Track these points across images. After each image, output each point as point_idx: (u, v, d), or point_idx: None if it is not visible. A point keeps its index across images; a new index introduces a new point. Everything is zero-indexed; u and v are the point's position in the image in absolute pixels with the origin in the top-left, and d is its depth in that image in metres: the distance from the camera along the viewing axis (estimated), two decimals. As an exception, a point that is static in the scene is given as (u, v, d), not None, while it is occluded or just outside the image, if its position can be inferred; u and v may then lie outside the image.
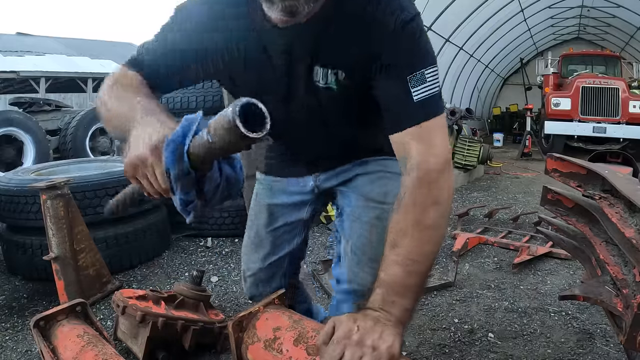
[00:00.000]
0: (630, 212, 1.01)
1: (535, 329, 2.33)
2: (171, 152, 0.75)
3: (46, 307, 2.44)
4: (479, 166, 6.83)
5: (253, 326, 0.96)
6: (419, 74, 0.87)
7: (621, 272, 1.01)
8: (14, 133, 5.77)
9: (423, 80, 0.88)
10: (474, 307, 2.59)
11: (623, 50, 15.05)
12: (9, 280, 2.88)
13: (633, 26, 13.32)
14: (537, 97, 12.25)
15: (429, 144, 0.89)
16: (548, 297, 2.70)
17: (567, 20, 14.74)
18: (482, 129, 14.57)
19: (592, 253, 1.20)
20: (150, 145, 0.77)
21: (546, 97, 9.75)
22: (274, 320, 0.95)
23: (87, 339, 1.12)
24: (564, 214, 1.24)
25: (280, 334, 0.91)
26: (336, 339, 0.78)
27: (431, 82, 0.89)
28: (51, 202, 2.35)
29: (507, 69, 18.06)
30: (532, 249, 3.35)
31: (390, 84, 0.89)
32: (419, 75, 0.87)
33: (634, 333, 0.95)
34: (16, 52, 13.19)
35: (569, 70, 11.17)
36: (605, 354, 2.08)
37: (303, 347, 0.86)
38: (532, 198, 5.40)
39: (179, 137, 0.76)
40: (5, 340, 2.18)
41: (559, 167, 1.19)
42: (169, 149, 0.75)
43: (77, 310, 1.21)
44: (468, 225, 4.18)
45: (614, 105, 8.99)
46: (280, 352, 0.88)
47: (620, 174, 1.11)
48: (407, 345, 2.19)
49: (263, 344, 0.92)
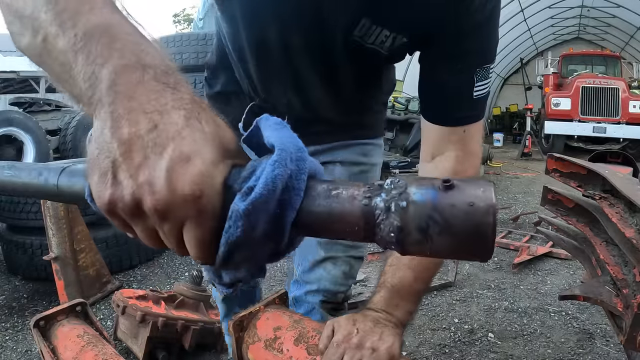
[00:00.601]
0: (630, 212, 1.01)
1: (535, 329, 2.33)
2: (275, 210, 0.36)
3: (46, 307, 2.44)
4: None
5: (253, 326, 0.96)
6: (486, 68, 0.78)
7: (621, 272, 1.01)
8: (14, 133, 5.77)
9: (486, 76, 0.78)
10: (474, 307, 2.59)
11: (623, 50, 15.05)
12: (9, 280, 2.88)
13: (633, 26, 13.33)
14: (537, 97, 12.25)
15: (470, 152, 0.83)
16: (548, 297, 2.70)
17: (567, 20, 14.75)
18: (482, 129, 14.56)
19: (592, 253, 1.20)
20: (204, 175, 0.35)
21: (546, 97, 9.76)
22: (274, 320, 0.95)
23: (87, 339, 1.12)
24: (564, 214, 1.24)
25: (280, 333, 0.91)
26: (335, 342, 0.77)
27: (490, 80, 0.79)
28: (51, 202, 2.35)
29: (507, 69, 18.07)
30: (532, 249, 3.35)
31: (459, 70, 0.77)
32: (486, 69, 0.78)
33: (634, 333, 0.95)
34: (16, 52, 13.18)
35: (569, 70, 11.18)
36: (605, 354, 2.08)
37: (303, 347, 0.86)
38: (532, 198, 5.40)
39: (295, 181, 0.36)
40: (5, 340, 2.18)
41: (560, 167, 1.19)
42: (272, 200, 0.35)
43: (77, 310, 1.21)
44: (468, 225, 4.17)
45: (614, 105, 9.00)
46: (281, 351, 0.88)
47: (621, 174, 1.11)
48: (407, 345, 2.19)
49: (263, 343, 0.92)
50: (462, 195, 0.34)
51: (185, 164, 0.34)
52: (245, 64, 0.93)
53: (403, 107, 7.15)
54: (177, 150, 0.34)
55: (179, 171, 0.34)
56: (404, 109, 7.13)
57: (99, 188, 0.36)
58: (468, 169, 0.83)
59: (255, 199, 0.34)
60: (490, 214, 0.33)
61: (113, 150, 0.35)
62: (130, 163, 0.35)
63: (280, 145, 0.36)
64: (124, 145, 0.35)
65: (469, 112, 0.81)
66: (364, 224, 0.35)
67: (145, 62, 0.38)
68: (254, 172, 0.36)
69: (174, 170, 0.34)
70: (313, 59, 0.85)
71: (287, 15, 0.79)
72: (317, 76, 0.89)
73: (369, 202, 0.35)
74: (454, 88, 0.79)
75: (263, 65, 0.90)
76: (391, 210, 0.34)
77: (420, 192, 0.34)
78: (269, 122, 0.40)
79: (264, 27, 0.82)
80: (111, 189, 0.35)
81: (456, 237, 0.33)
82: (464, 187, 0.34)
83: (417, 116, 6.75)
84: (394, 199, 0.34)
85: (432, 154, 0.86)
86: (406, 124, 6.64)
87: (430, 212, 0.33)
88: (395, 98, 7.33)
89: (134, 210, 0.35)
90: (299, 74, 0.88)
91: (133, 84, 0.36)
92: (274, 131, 0.38)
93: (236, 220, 0.35)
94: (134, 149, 0.35)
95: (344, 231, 0.37)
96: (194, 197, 0.34)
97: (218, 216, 0.36)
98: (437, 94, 0.82)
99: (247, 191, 0.35)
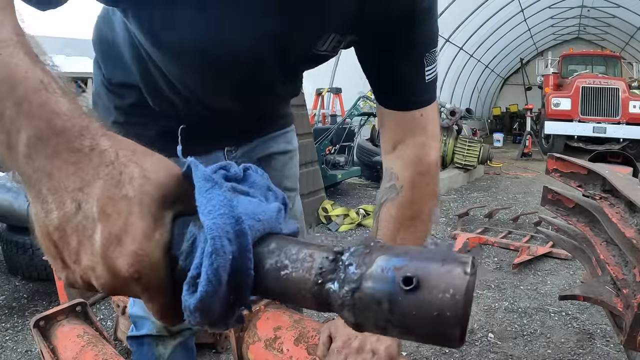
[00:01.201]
0: (630, 212, 1.01)
1: (535, 329, 2.33)
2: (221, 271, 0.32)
3: (46, 307, 2.44)
4: (479, 166, 6.83)
5: (254, 325, 0.96)
6: (433, 52, 0.80)
7: (621, 272, 1.01)
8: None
9: (434, 60, 0.81)
10: (474, 307, 2.59)
11: (623, 50, 15.06)
12: (9, 280, 2.88)
13: (633, 26, 13.34)
14: (537, 97, 12.26)
15: (431, 135, 0.85)
16: (548, 297, 2.70)
17: (567, 20, 14.76)
18: (482, 129, 14.58)
19: (592, 253, 1.20)
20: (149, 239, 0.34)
21: (546, 97, 9.76)
22: (274, 320, 0.95)
23: (87, 339, 1.12)
24: (565, 214, 1.24)
25: (280, 333, 0.91)
26: (336, 349, 0.77)
27: (436, 63, 0.82)
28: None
29: (507, 69, 18.08)
30: (532, 249, 3.35)
31: (411, 57, 0.80)
32: (433, 53, 0.80)
33: (634, 333, 0.95)
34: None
35: (569, 70, 11.18)
36: (605, 354, 2.08)
37: (304, 347, 0.86)
38: (532, 198, 5.40)
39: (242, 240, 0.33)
40: (5, 340, 2.18)
41: (560, 167, 1.19)
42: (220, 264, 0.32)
43: (77, 310, 1.21)
44: (468, 226, 4.18)
45: (614, 106, 9.00)
46: (281, 351, 0.88)
47: (621, 174, 1.11)
48: (407, 345, 2.19)
49: (264, 343, 0.92)
50: (426, 299, 0.28)
51: (116, 246, 0.32)
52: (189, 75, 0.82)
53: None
54: (105, 232, 0.32)
55: (112, 256, 0.32)
56: (404, 109, 7.12)
57: (57, 269, 0.36)
58: (430, 152, 0.84)
59: (202, 296, 0.31)
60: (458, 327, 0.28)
61: (51, 237, 0.34)
62: (69, 249, 0.34)
63: (213, 227, 0.31)
64: (57, 231, 0.34)
65: (424, 96, 0.83)
66: (318, 307, 0.33)
67: (56, 128, 0.34)
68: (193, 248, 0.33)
69: (107, 256, 0.32)
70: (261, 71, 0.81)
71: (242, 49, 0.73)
72: (261, 85, 0.86)
73: (319, 290, 0.32)
74: (408, 74, 0.81)
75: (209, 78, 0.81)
76: (345, 307, 0.31)
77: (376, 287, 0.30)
78: (198, 180, 0.34)
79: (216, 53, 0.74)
80: (64, 272, 0.36)
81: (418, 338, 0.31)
82: (430, 288, 0.28)
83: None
84: (347, 296, 0.30)
85: (393, 144, 0.87)
86: (406, 124, 6.62)
87: (387, 316, 0.29)
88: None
89: (91, 287, 0.35)
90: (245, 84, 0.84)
91: (49, 158, 0.33)
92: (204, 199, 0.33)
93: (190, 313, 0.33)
94: (68, 233, 0.33)
95: (301, 304, 0.34)
96: (134, 279, 0.33)
97: (166, 285, 0.34)
98: (393, 81, 0.83)
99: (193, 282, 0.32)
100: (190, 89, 0.83)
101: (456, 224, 4.12)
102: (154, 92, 0.86)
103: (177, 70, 0.78)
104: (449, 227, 4.18)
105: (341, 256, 0.32)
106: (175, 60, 0.75)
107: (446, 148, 6.42)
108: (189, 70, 0.78)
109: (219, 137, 0.99)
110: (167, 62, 0.77)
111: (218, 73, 0.78)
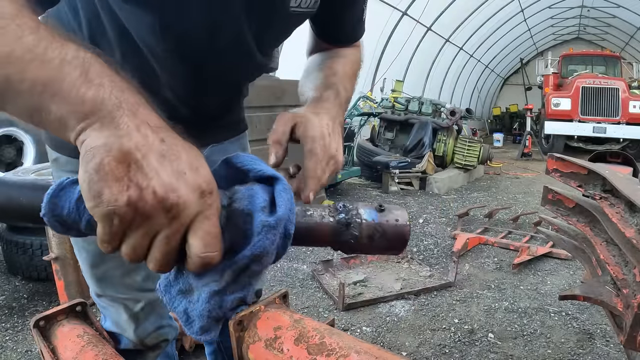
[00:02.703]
0: (630, 212, 1.01)
1: (535, 329, 2.33)
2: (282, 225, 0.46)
3: (46, 307, 2.44)
4: (479, 166, 6.84)
5: (254, 325, 0.96)
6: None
7: (621, 272, 1.01)
8: (14, 133, 5.77)
9: (366, 1, 0.92)
10: (474, 307, 2.59)
11: (623, 50, 15.07)
12: (9, 280, 2.88)
13: (633, 26, 13.35)
14: (537, 97, 12.26)
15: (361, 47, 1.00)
16: (548, 297, 2.70)
17: (567, 20, 14.78)
18: (482, 129, 14.58)
19: (592, 253, 1.20)
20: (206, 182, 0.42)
21: (546, 97, 9.76)
22: (274, 320, 0.95)
23: (87, 339, 1.12)
24: (565, 214, 1.24)
25: (281, 333, 0.91)
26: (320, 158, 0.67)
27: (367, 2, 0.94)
28: (51, 202, 2.35)
29: (507, 69, 18.10)
30: (532, 249, 3.35)
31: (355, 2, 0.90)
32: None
33: (634, 333, 0.95)
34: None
35: (569, 70, 11.19)
36: (605, 354, 2.08)
37: (304, 347, 0.86)
38: (532, 198, 5.41)
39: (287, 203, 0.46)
40: (5, 340, 2.18)
41: (560, 167, 1.19)
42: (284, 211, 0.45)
43: (77, 310, 1.21)
44: (468, 226, 4.18)
45: (614, 106, 9.01)
46: (281, 351, 0.88)
47: (621, 174, 1.11)
48: (407, 345, 2.19)
49: (264, 343, 0.92)
50: (391, 215, 0.54)
51: (196, 170, 0.41)
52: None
53: (403, 107, 7.14)
54: (189, 159, 0.41)
55: (194, 175, 0.41)
56: (404, 109, 7.12)
57: (114, 192, 0.37)
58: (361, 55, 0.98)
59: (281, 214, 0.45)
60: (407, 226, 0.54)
61: (130, 155, 0.38)
62: (150, 166, 0.39)
63: (279, 178, 0.48)
64: (139, 151, 0.39)
65: (361, 31, 0.96)
66: (330, 235, 0.52)
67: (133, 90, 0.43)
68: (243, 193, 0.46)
69: (190, 173, 0.40)
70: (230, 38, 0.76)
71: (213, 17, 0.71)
72: (233, 61, 0.81)
73: (334, 219, 0.52)
74: (356, 14, 0.91)
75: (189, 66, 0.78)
76: (351, 226, 0.52)
77: (366, 213, 0.53)
78: (246, 158, 0.50)
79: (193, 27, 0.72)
80: (129, 191, 0.38)
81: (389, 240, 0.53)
82: (391, 209, 0.54)
83: (417, 116, 6.75)
84: (353, 217, 0.52)
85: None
86: (406, 124, 6.63)
87: (375, 225, 0.52)
88: (395, 98, 7.32)
89: (150, 210, 0.38)
90: (213, 66, 0.80)
91: (134, 104, 0.42)
92: (262, 165, 0.49)
93: (266, 232, 0.44)
94: (150, 155, 0.39)
95: (316, 241, 0.53)
96: (208, 193, 0.41)
97: (219, 210, 0.43)
98: (343, 22, 0.92)
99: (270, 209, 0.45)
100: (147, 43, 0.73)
101: (456, 224, 4.12)
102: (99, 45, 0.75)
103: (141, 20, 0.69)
104: (449, 227, 4.18)
105: (345, 206, 0.53)
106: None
107: (446, 148, 6.43)
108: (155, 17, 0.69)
109: (194, 129, 0.90)
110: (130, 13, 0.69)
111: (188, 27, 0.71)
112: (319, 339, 0.85)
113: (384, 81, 8.54)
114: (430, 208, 4.96)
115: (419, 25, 9.73)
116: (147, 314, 1.00)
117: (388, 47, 9.00)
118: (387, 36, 8.96)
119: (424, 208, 4.95)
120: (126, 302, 0.98)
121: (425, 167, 5.91)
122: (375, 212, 0.53)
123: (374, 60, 8.84)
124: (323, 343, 0.85)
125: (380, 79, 8.78)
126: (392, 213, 0.54)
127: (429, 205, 5.09)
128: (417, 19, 9.49)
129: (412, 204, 5.09)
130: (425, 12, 9.27)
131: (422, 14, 9.32)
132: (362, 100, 6.14)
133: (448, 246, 3.60)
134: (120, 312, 1.00)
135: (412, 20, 9.40)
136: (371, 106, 6.20)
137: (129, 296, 0.97)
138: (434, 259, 3.40)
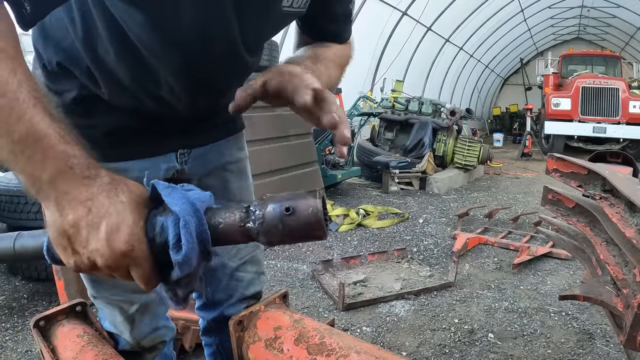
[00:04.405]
0: (630, 212, 1.01)
1: (535, 329, 2.33)
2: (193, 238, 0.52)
3: (46, 307, 2.44)
4: (479, 166, 6.84)
5: (254, 325, 0.96)
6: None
7: (621, 272, 1.01)
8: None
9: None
10: (474, 307, 2.59)
11: (623, 50, 15.07)
12: (9, 281, 2.88)
13: (633, 26, 13.35)
14: (537, 97, 12.27)
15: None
16: (548, 297, 2.70)
17: (567, 20, 14.78)
18: (482, 129, 14.59)
19: (592, 253, 1.20)
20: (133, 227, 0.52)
21: (546, 97, 9.77)
22: (274, 320, 0.95)
23: (87, 339, 1.12)
24: (565, 214, 1.24)
25: (281, 333, 0.91)
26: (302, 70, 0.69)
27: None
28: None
29: (507, 69, 18.10)
30: (532, 249, 3.35)
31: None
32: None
33: (634, 333, 0.95)
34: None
35: (569, 70, 11.19)
36: (605, 354, 2.08)
37: (304, 347, 0.86)
38: (532, 198, 5.41)
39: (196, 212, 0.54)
40: (5, 340, 2.18)
41: (560, 167, 1.19)
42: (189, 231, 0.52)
43: (77, 310, 1.21)
44: (468, 226, 4.18)
45: (614, 106, 9.01)
46: (281, 351, 0.88)
47: (621, 174, 1.11)
48: (407, 345, 2.19)
49: (264, 343, 0.92)
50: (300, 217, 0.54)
51: (116, 231, 0.51)
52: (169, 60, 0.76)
53: (403, 107, 7.14)
54: (109, 224, 0.51)
55: (114, 237, 0.51)
56: (404, 109, 7.12)
57: (65, 257, 0.54)
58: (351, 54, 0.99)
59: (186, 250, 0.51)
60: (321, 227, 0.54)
61: (66, 232, 0.52)
62: (80, 238, 0.52)
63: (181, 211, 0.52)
64: (72, 227, 0.52)
65: (349, 31, 0.98)
66: (244, 239, 0.56)
67: (72, 164, 0.53)
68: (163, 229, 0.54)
69: (110, 238, 0.51)
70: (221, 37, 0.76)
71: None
72: (225, 62, 0.81)
73: (243, 229, 0.56)
74: (345, 10, 0.93)
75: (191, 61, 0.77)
76: (259, 234, 0.55)
77: (273, 218, 0.54)
78: (162, 189, 0.55)
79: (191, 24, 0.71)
80: (73, 257, 0.53)
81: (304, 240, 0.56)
82: (300, 210, 0.54)
83: (417, 116, 6.74)
84: (259, 228, 0.55)
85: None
86: (406, 124, 6.64)
87: (282, 232, 0.54)
88: (395, 98, 7.33)
89: (93, 267, 0.53)
90: (204, 68, 0.79)
91: (67, 182, 0.53)
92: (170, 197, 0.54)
93: (178, 266, 0.52)
94: (80, 228, 0.52)
95: (231, 241, 0.57)
96: (129, 251, 0.52)
97: (149, 257, 0.54)
98: (331, 18, 0.92)
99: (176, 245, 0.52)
100: (140, 41, 0.72)
101: (456, 224, 4.12)
102: (99, 62, 0.75)
103: (136, 21, 0.69)
104: (449, 227, 4.18)
105: (250, 207, 0.56)
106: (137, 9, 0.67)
107: (446, 148, 6.43)
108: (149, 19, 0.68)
109: (170, 133, 0.89)
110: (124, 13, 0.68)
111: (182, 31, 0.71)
112: (319, 339, 0.85)
113: (384, 81, 8.55)
114: (430, 208, 4.96)
115: (419, 25, 9.74)
116: (142, 315, 1.00)
117: (388, 47, 9.00)
118: (387, 36, 8.96)
119: (424, 208, 4.95)
120: (121, 304, 0.98)
121: (425, 167, 5.91)
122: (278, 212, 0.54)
123: (374, 60, 8.84)
124: (323, 343, 0.85)
125: (380, 79, 8.79)
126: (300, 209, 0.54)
127: (429, 205, 5.09)
128: (417, 19, 9.49)
129: (412, 204, 5.09)
130: (425, 12, 9.28)
131: (422, 14, 9.33)
132: (362, 100, 6.15)
133: (448, 246, 3.60)
134: (116, 313, 1.00)
135: (412, 20, 9.40)
136: (371, 106, 6.20)
137: (123, 298, 0.97)
138: (434, 259, 3.40)
